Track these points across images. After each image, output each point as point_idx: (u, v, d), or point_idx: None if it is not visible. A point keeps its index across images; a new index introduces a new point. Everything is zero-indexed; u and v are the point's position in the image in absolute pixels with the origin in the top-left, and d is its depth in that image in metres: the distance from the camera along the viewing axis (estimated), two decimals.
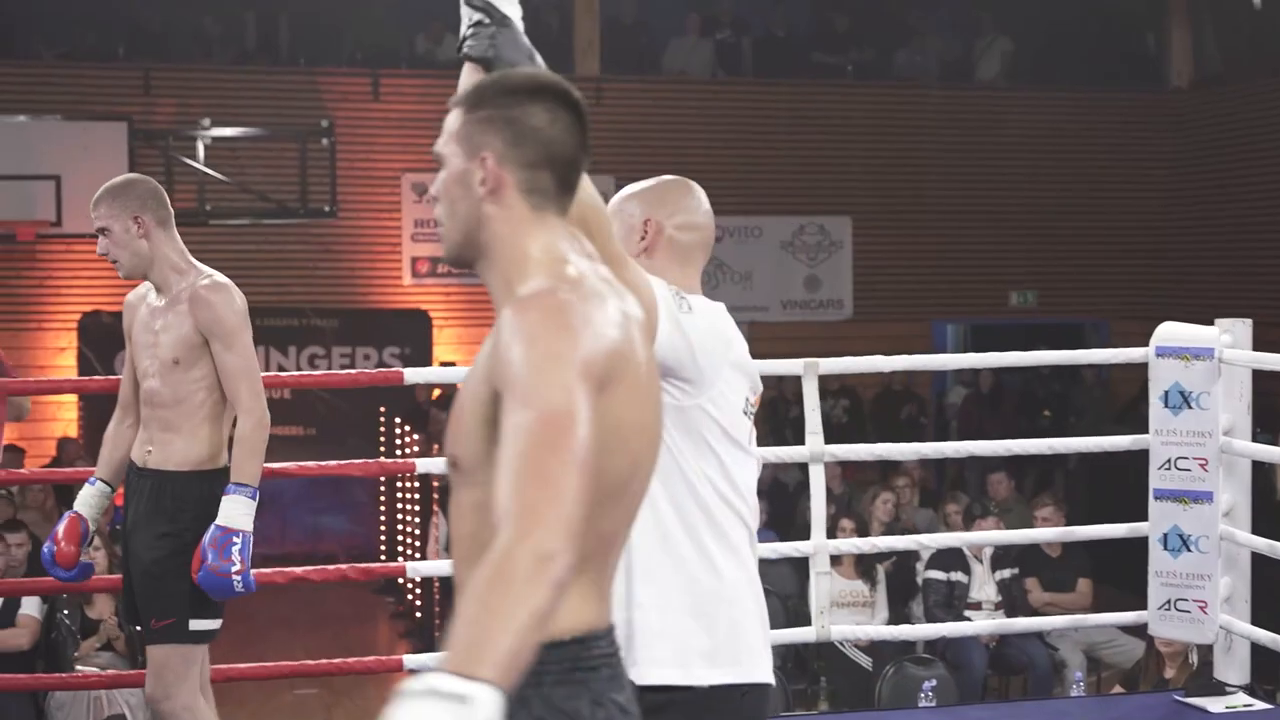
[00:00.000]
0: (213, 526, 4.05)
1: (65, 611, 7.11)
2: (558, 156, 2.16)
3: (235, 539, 4.02)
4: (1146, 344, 5.03)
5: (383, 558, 11.47)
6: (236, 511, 4.05)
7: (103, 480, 4.35)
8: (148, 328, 4.27)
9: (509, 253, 2.12)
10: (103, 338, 13.08)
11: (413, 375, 4.98)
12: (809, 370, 5.09)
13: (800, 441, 5.31)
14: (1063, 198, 15.02)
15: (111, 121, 12.84)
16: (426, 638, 10.03)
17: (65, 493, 10.47)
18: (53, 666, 6.96)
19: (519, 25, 2.72)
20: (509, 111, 2.15)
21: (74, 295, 13.30)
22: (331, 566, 5.00)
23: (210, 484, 4.18)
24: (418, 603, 10.64)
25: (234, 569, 3.99)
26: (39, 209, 12.40)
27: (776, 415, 13.68)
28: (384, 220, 14.01)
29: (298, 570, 5.04)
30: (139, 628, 4.31)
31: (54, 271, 13.31)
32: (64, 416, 13.01)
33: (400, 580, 10.76)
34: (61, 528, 4.30)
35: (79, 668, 6.91)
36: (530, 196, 2.14)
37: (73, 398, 13.10)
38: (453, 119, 2.22)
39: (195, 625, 4.15)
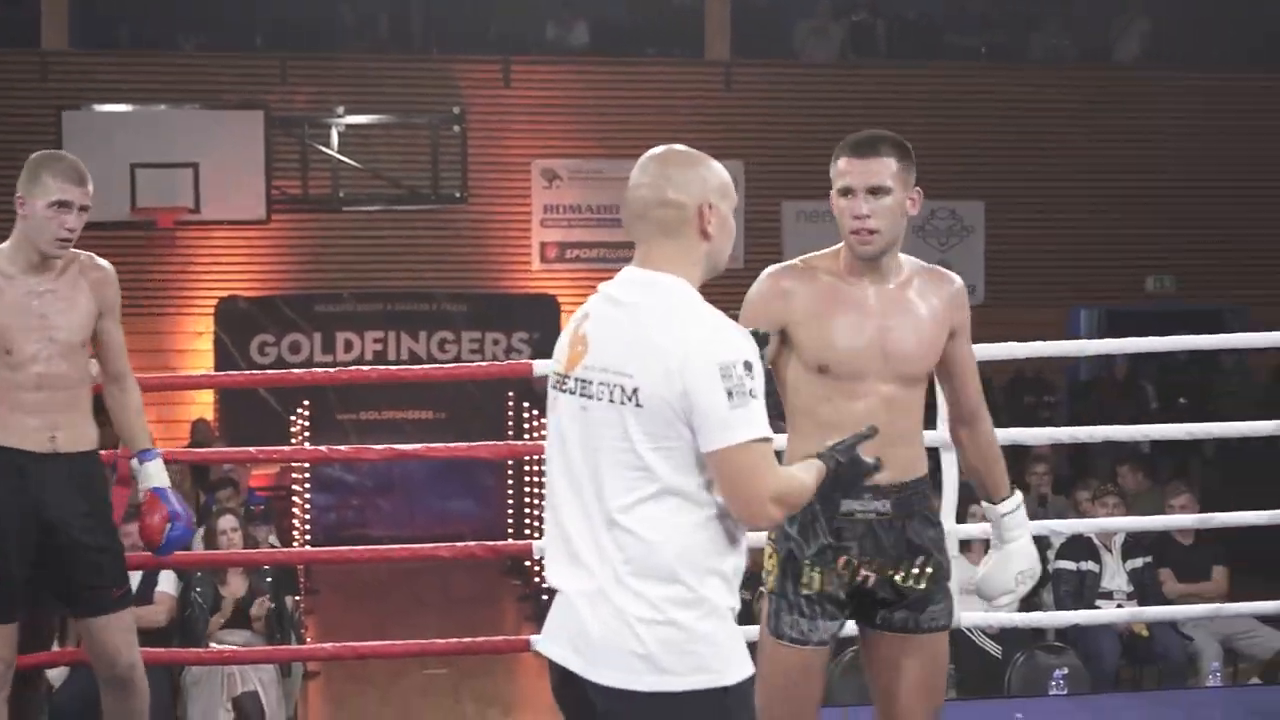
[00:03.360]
0: (156, 490, 4.25)
1: (199, 590, 7.24)
2: None
3: (173, 495, 4.31)
4: None
5: (510, 541, 11.54)
6: (163, 472, 4.29)
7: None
8: (24, 309, 4.11)
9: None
10: (239, 322, 13.32)
11: (543, 366, 4.97)
12: None
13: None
14: (1202, 181, 14.67)
15: (249, 110, 13.06)
16: None
17: (202, 474, 10.69)
18: (188, 642, 7.09)
19: None
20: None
21: (211, 281, 13.56)
22: (461, 544, 5.03)
23: (98, 460, 4.34)
24: (544, 584, 10.69)
25: (190, 520, 4.34)
26: (178, 196, 12.66)
27: None
28: (514, 206, 14.09)
29: (427, 546, 5.08)
30: (75, 607, 4.38)
31: (192, 257, 13.57)
32: (201, 399, 13.27)
33: (527, 562, 10.83)
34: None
35: (213, 644, 7.04)
36: None
37: None
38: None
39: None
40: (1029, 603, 7.98)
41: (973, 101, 14.66)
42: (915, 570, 3.29)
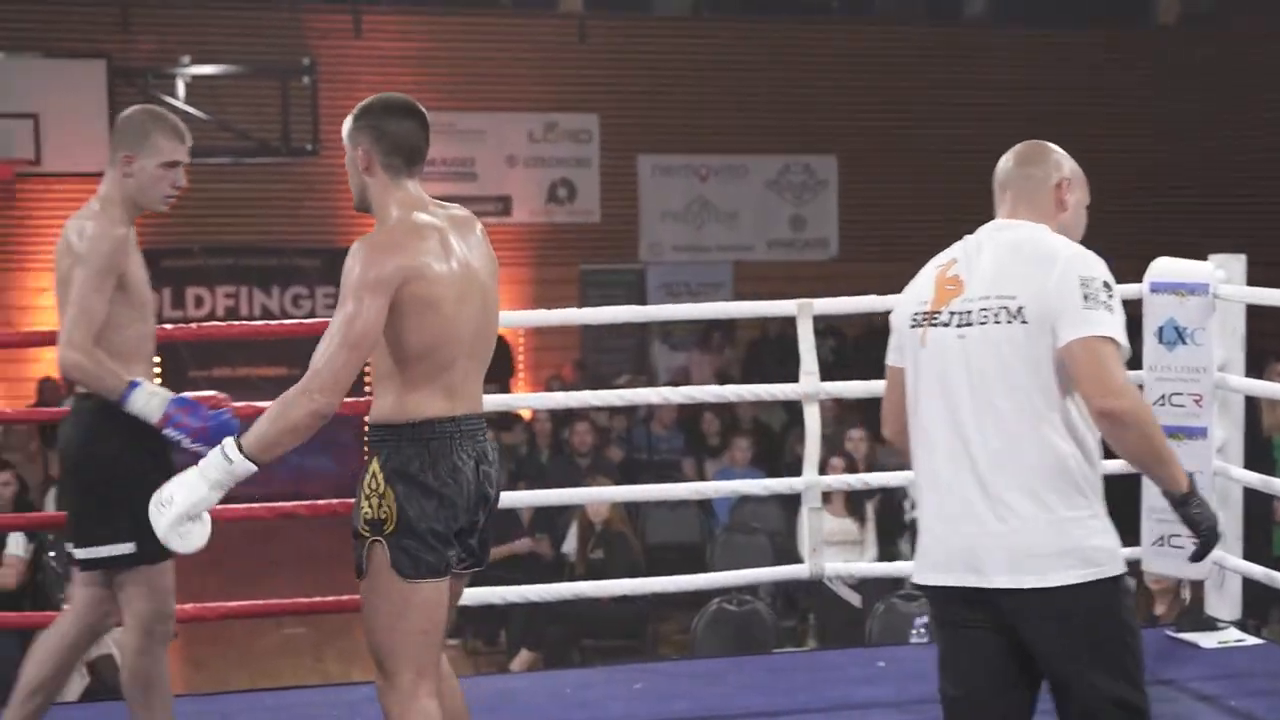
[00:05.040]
0: (175, 401, 3.90)
1: (52, 553, 7.08)
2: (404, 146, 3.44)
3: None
4: (1133, 281, 4.99)
5: None
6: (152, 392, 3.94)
7: None
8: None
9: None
10: None
11: None
12: (803, 311, 5.04)
13: (783, 380, 5.31)
14: (1049, 134, 14.85)
15: (90, 59, 12.71)
16: None
17: (50, 433, 10.43)
18: (40, 607, 6.94)
19: None
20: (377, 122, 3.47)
21: (54, 235, 13.09)
22: (321, 502, 4.96)
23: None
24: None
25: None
26: (17, 148, 12.30)
27: (760, 355, 13.66)
28: None
29: (284, 505, 5.00)
30: None
31: (33, 211, 13.18)
32: (45, 357, 12.93)
33: None
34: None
35: (66, 608, 6.88)
36: (387, 170, 3.41)
37: None
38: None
39: None
40: (887, 553, 8.11)
41: (825, 56, 14.77)
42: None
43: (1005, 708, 3.04)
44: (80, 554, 3.89)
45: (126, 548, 3.81)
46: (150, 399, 3.80)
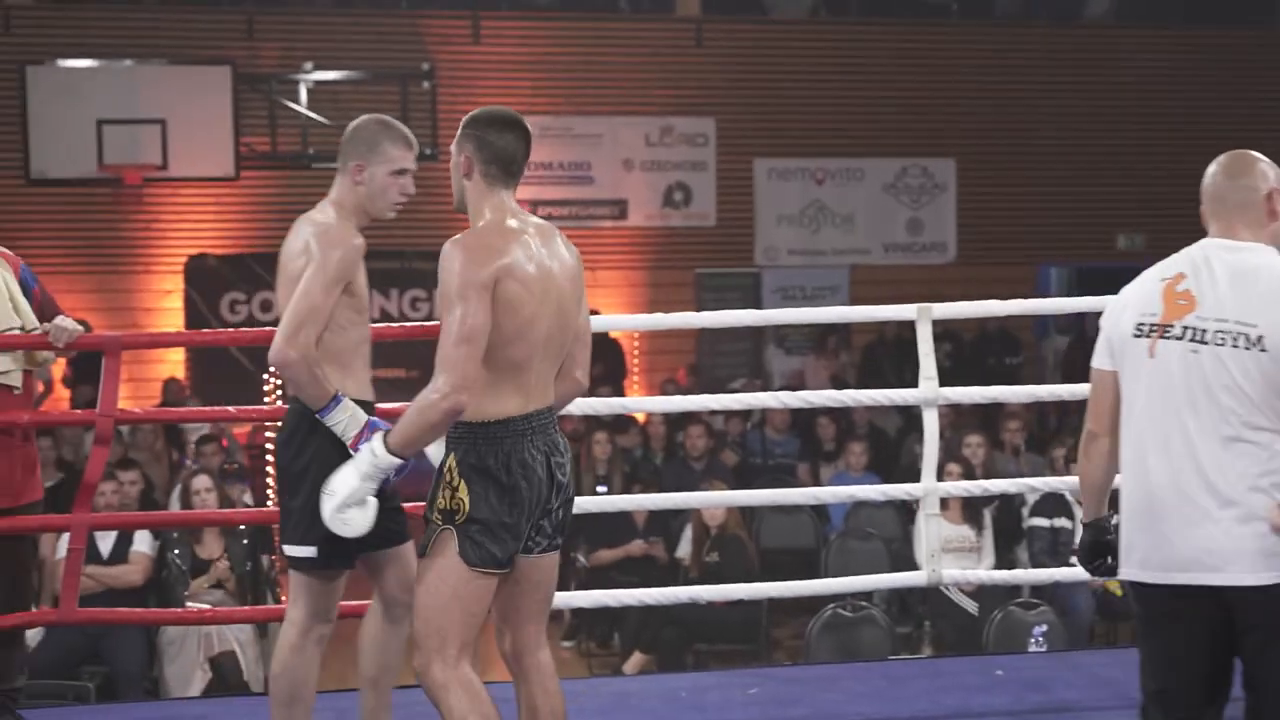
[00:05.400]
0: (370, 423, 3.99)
1: (176, 551, 7.22)
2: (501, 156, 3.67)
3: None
4: None
5: None
6: (348, 415, 4.00)
7: None
8: None
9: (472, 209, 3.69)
10: (209, 280, 13.22)
11: None
12: (923, 315, 5.01)
13: (898, 385, 5.26)
14: (1171, 137, 14.70)
15: (216, 66, 12.95)
16: None
17: (174, 433, 10.62)
18: (164, 604, 7.07)
19: None
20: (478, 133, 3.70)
21: (180, 238, 13.45)
22: None
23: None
24: None
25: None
26: (145, 153, 12.54)
27: (875, 359, 13.57)
28: None
29: (407, 505, 5.04)
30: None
31: (160, 215, 13.45)
32: (170, 358, 13.19)
33: None
34: None
35: (189, 605, 7.01)
36: (485, 178, 3.68)
37: None
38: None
39: None
40: (1004, 560, 8.02)
41: (943, 59, 14.64)
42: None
43: (1218, 696, 3.24)
44: (286, 550, 4.01)
45: (309, 551, 3.91)
46: (350, 421, 3.86)
